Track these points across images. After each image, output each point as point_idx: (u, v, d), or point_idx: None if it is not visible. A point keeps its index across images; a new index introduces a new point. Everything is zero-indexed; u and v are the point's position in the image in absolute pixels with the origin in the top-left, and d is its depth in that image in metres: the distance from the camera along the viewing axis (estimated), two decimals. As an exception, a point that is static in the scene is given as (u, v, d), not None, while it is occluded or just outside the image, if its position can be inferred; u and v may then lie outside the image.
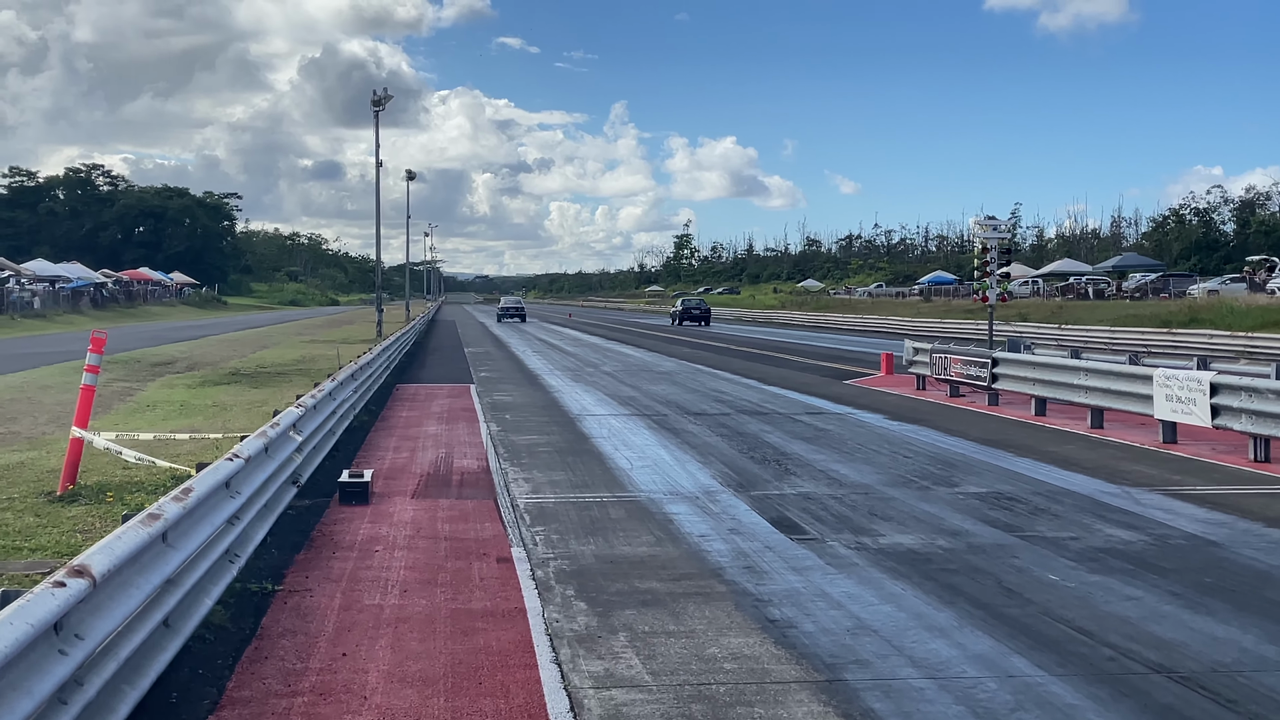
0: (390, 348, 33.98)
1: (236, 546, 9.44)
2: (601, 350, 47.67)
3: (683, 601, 9.06)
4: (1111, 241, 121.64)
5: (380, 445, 18.27)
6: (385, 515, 12.55)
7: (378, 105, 51.52)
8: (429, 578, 9.84)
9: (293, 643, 7.99)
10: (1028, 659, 7.64)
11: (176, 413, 22.82)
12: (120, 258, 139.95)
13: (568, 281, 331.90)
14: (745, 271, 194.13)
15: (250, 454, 9.95)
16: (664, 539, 11.34)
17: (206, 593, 8.15)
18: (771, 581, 9.67)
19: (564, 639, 8.09)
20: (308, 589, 9.45)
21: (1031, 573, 9.95)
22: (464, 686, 7.13)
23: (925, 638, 8.11)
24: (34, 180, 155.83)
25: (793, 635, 8.16)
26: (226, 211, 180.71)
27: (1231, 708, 6.77)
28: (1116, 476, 14.89)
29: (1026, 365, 22.49)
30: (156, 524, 6.82)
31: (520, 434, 19.55)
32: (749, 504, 13.12)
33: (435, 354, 46.58)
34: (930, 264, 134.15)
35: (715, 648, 7.87)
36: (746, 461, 16.27)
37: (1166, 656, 7.67)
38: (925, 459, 16.51)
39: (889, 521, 12.10)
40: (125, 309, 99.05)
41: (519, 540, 11.30)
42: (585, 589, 9.47)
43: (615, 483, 14.66)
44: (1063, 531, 11.58)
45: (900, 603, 9.02)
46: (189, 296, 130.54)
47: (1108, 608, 8.86)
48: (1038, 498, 13.44)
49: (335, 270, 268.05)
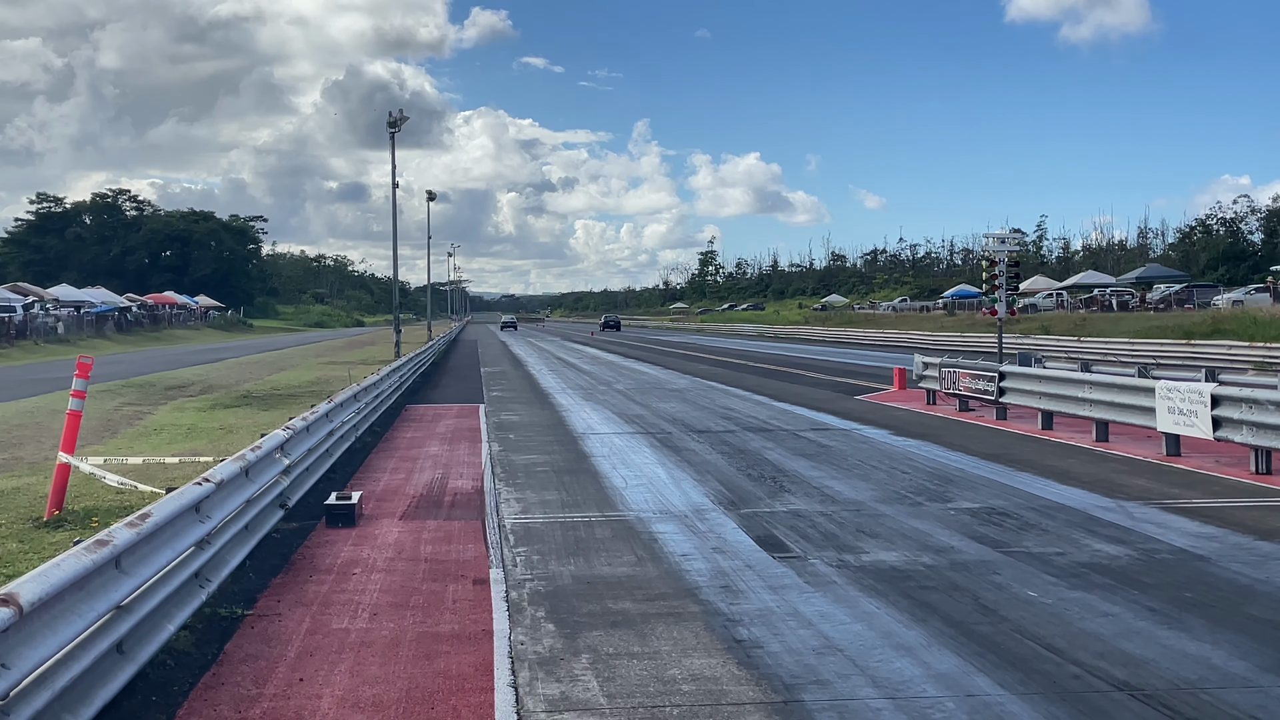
0: (402, 368, 34.01)
1: (207, 570, 9.42)
2: (617, 368, 47.62)
3: (653, 622, 8.98)
4: (1138, 253, 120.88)
5: (378, 467, 18.25)
6: (369, 538, 12.51)
7: (393, 127, 51.66)
8: (401, 601, 9.79)
9: (252, 668, 7.95)
10: (991, 678, 7.53)
11: (183, 436, 22.88)
12: (147, 282, 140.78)
13: (593, 299, 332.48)
14: (770, 287, 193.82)
15: (224, 478, 9.93)
16: (645, 559, 11.26)
17: (169, 617, 8.13)
18: (745, 601, 9.58)
19: (525, 662, 8.02)
20: (278, 613, 9.41)
21: (1010, 589, 9.83)
22: (416, 711, 7.07)
23: (890, 657, 8.00)
24: (61, 206, 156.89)
25: (757, 655, 8.07)
26: (252, 234, 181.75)
27: (1190, 727, 6.65)
28: (1114, 490, 14.73)
29: (1033, 379, 22.33)
30: (104, 550, 6.79)
31: (521, 453, 19.51)
32: (737, 522, 13.03)
33: (451, 374, 46.63)
34: (955, 278, 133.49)
35: (676, 669, 7.79)
36: (743, 479, 16.17)
37: (1133, 674, 7.55)
38: (924, 475, 16.38)
39: (875, 539, 11.98)
40: (150, 333, 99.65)
41: (499, 561, 11.24)
42: (556, 610, 9.40)
43: (606, 502, 14.59)
44: (1049, 547, 11.44)
45: (871, 621, 8.91)
46: (214, 320, 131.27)
47: (1081, 624, 8.73)
48: (1030, 513, 13.30)
49: (361, 291, 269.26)
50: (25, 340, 71.69)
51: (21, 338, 72.11)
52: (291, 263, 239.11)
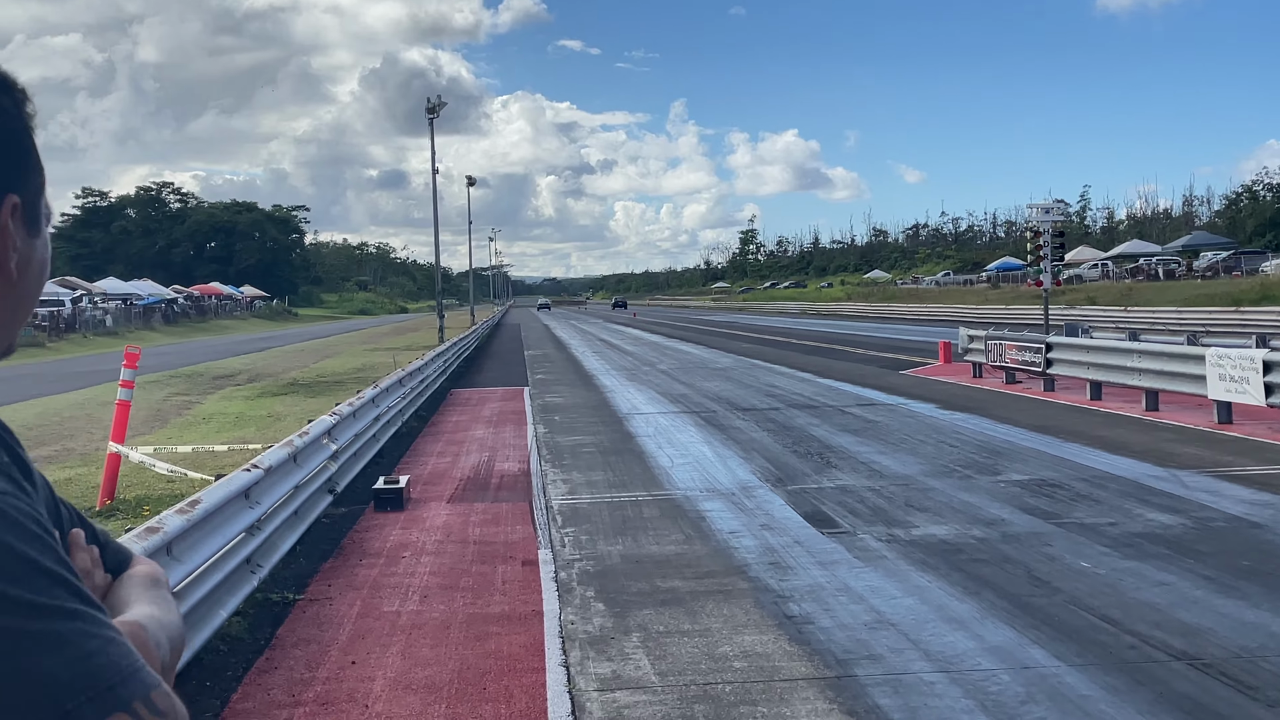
0: (446, 353, 34.10)
1: (258, 556, 9.47)
2: (660, 348, 47.58)
3: (703, 600, 8.95)
4: (1183, 221, 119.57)
5: (425, 451, 18.30)
6: (418, 521, 12.54)
7: (432, 113, 51.72)
8: (451, 583, 9.80)
9: (304, 652, 7.98)
10: (1046, 650, 7.45)
11: (231, 424, 23.04)
12: (192, 273, 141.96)
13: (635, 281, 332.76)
14: (812, 264, 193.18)
15: (272, 464, 9.98)
16: (693, 537, 11.23)
17: (221, 604, 8.17)
18: (795, 577, 9.53)
19: (576, 641, 8.01)
20: (329, 597, 9.44)
21: (1063, 560, 9.73)
22: (468, 692, 7.07)
23: (944, 630, 7.94)
24: (106, 200, 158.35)
25: (808, 631, 8.02)
26: (295, 224, 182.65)
27: (1251, 694, 6.55)
28: (1165, 459, 14.57)
29: (1080, 349, 22.11)
30: (155, 537, 6.82)
31: (566, 435, 19.51)
32: (784, 499, 12.97)
33: (494, 358, 46.73)
34: (999, 250, 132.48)
35: (728, 646, 7.76)
36: (789, 456, 16.10)
37: (1191, 643, 7.45)
38: (972, 448, 16.26)
39: (924, 513, 11.90)
40: (197, 323, 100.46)
41: (547, 542, 11.24)
42: (606, 590, 9.38)
43: (653, 481, 14.56)
44: (1101, 517, 11.32)
45: (923, 595, 8.84)
46: (260, 309, 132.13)
47: (1136, 594, 8.63)
48: (1081, 483, 13.17)
49: (404, 278, 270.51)
50: (74, 333, 72.43)
51: (71, 331, 72.86)
52: (334, 251, 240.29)
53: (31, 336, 65.40)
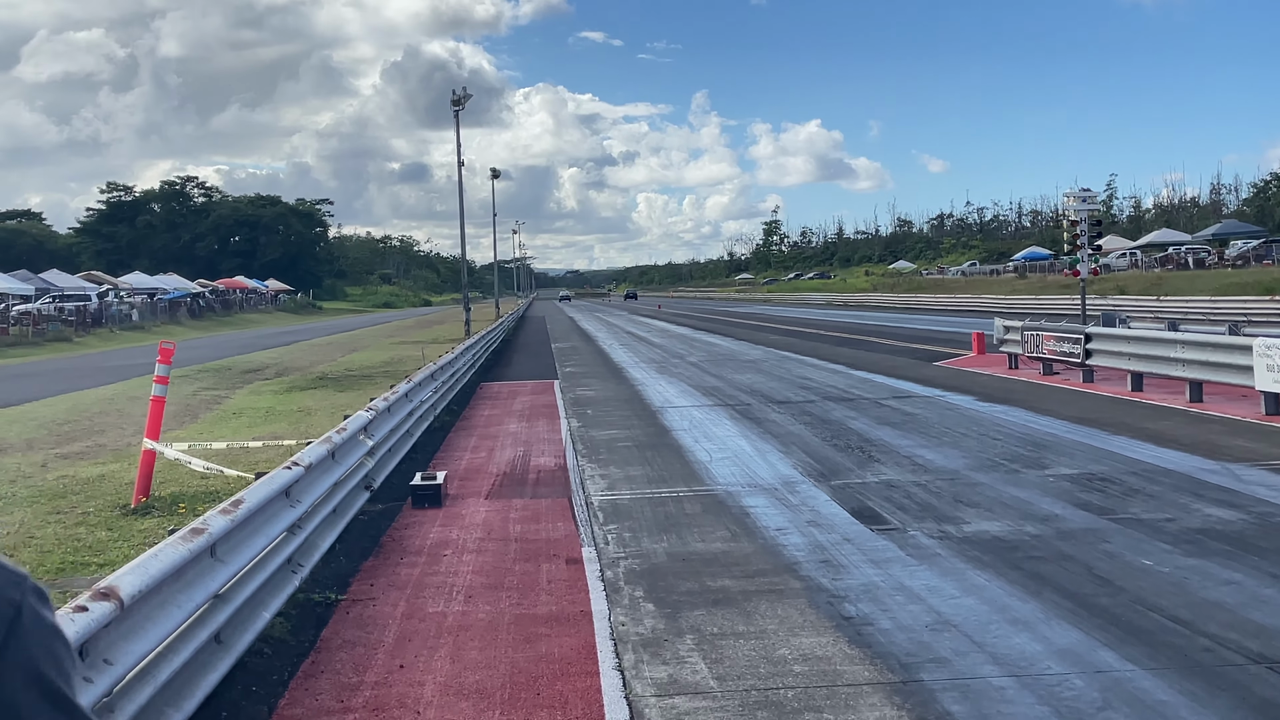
0: (475, 346, 33.93)
1: (299, 556, 9.29)
2: (689, 341, 47.33)
3: (755, 600, 8.71)
4: (1211, 209, 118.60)
5: (459, 445, 18.11)
6: (457, 518, 12.34)
7: (457, 105, 51.56)
8: (495, 582, 9.59)
9: (351, 655, 7.78)
10: (1117, 652, 7.19)
11: (262, 419, 22.89)
12: (217, 267, 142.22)
13: (658, 273, 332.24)
14: (836, 255, 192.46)
15: (312, 461, 9.79)
16: (739, 534, 11.00)
17: (264, 605, 7.98)
18: (848, 576, 9.29)
19: (629, 644, 7.79)
20: (371, 598, 9.24)
21: (1124, 558, 9.46)
22: (521, 698, 6.85)
23: (1008, 632, 7.68)
24: (130, 195, 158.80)
25: (868, 633, 7.78)
26: (319, 218, 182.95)
27: (1339, 701, 6.29)
28: (1216, 452, 14.27)
29: (1121, 340, 21.78)
30: (200, 539, 6.63)
31: (600, 429, 19.30)
32: (829, 494, 12.72)
33: (522, 350, 46.56)
34: (1025, 240, 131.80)
35: (786, 649, 7.53)
36: (829, 450, 15.85)
37: (1268, 645, 7.18)
38: (1015, 441, 15.98)
39: (975, 508, 11.64)
40: (222, 317, 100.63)
41: (590, 539, 11.02)
42: (655, 589, 9.16)
43: (693, 476, 14.33)
44: (1158, 513, 11.05)
45: (983, 595, 8.59)
46: (284, 303, 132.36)
47: (1204, 593, 8.36)
48: (1132, 478, 12.88)
49: (427, 271, 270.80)
50: (101, 328, 72.59)
51: (97, 325, 73.04)
52: (358, 244, 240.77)
53: (59, 331, 65.57)
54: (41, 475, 16.19)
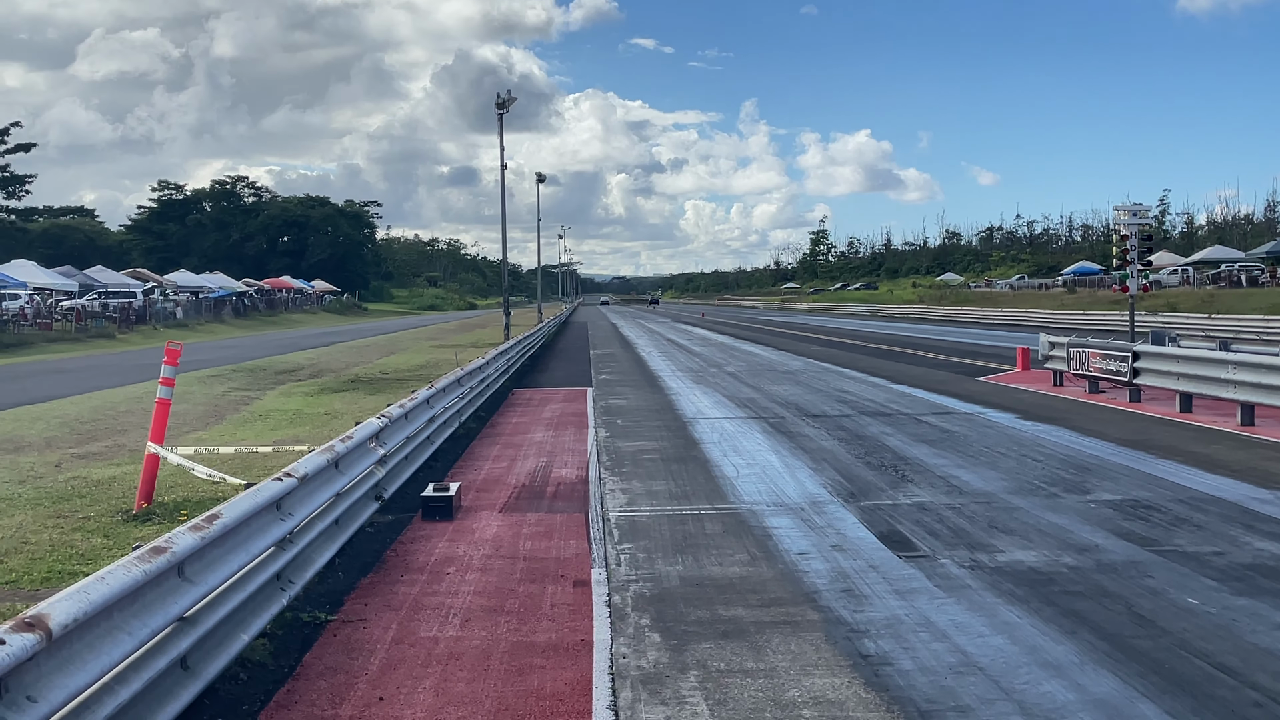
0: (510, 351, 33.47)
1: (290, 572, 8.81)
2: (728, 350, 46.72)
3: (768, 632, 8.14)
4: (1266, 227, 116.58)
5: (481, 454, 17.62)
6: (467, 532, 11.83)
7: (501, 108, 51.19)
8: (496, 605, 9.07)
9: (330, 683, 7.27)
10: (1158, 704, 6.58)
11: (288, 422, 22.52)
12: (265, 267, 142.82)
13: (704, 280, 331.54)
14: (883, 266, 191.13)
15: (307, 472, 9.30)
16: (759, 558, 10.42)
17: (243, 626, 7.50)
18: (871, 608, 8.70)
19: (627, 679, 7.24)
20: (363, 619, 8.74)
21: (1167, 595, 8.83)
22: (504, 738, 6.33)
23: (1040, 677, 7.08)
24: (181, 194, 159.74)
25: (886, 674, 7.20)
26: (367, 219, 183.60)
27: (1404, 772, 5.66)
28: (1268, 480, 13.56)
29: (1170, 359, 21.02)
30: (161, 558, 6.15)
31: (627, 440, 18.76)
32: (858, 516, 12.12)
33: (560, 356, 46.10)
34: (1075, 254, 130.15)
35: (796, 690, 6.96)
36: (861, 468, 15.24)
37: (1324, 703, 6.55)
38: (1057, 463, 15.31)
39: (1010, 535, 11.01)
40: (266, 317, 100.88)
41: (602, 560, 10.49)
42: (663, 617, 8.60)
43: (717, 493, 13.76)
44: (1205, 545, 10.39)
45: (1014, 633, 7.98)
46: (330, 304, 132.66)
47: (1254, 638, 7.72)
48: (1179, 505, 12.21)
49: (474, 274, 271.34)
50: (144, 325, 72.80)
51: (141, 323, 73.26)
52: (405, 247, 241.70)
53: (102, 328, 65.79)
54: (53, 476, 15.86)
